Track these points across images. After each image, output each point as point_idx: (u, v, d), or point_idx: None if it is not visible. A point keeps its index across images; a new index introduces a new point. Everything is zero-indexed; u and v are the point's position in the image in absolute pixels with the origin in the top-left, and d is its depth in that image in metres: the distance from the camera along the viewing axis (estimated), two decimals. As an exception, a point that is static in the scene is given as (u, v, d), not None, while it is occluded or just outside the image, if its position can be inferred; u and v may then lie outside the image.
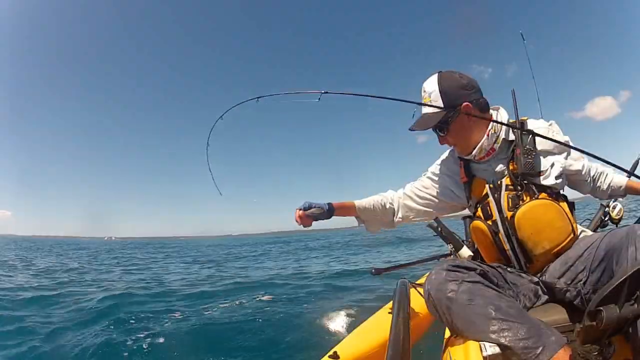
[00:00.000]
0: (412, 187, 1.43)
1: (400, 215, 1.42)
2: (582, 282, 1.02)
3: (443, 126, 1.21)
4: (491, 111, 1.25)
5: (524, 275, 1.15)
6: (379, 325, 1.32)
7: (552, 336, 0.86)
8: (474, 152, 1.21)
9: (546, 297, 1.13)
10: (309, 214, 1.30)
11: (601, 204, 1.85)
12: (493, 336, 0.87)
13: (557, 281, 1.08)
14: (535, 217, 1.12)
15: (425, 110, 1.22)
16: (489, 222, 1.20)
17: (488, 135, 1.19)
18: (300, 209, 1.30)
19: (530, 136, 1.17)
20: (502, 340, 0.86)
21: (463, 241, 2.10)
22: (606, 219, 2.08)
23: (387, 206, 1.43)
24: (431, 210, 1.39)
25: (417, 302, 1.36)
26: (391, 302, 1.28)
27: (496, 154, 1.22)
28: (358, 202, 1.42)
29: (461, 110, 1.17)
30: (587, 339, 0.86)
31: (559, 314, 1.05)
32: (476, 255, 1.49)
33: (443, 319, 0.98)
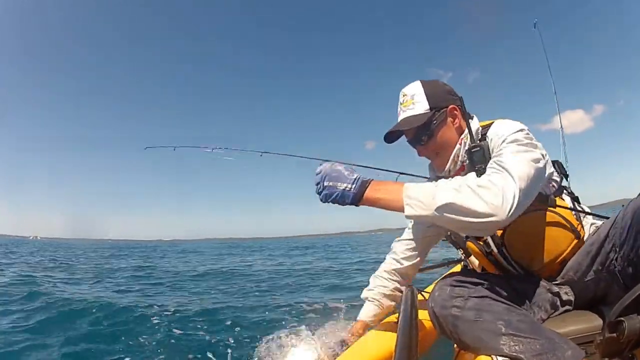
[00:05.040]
0: (401, 241, 1.48)
1: (407, 276, 1.47)
2: (613, 262, 1.00)
3: (426, 132, 1.16)
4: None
5: (540, 284, 1.15)
6: (384, 336, 1.32)
7: (569, 350, 0.86)
8: (447, 166, 1.17)
9: (564, 308, 1.13)
10: None
11: (622, 205, 1.86)
12: (505, 352, 0.88)
13: (587, 273, 1.08)
14: (525, 231, 1.11)
15: (406, 114, 1.17)
16: (480, 243, 1.21)
17: (461, 143, 1.16)
18: None
19: (482, 149, 1.09)
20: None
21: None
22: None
23: (387, 292, 1.46)
24: (434, 243, 1.45)
25: (426, 311, 1.36)
26: (397, 310, 1.28)
27: (467, 169, 1.15)
28: (365, 317, 1.48)
29: (447, 113, 1.16)
30: (607, 352, 0.86)
31: (576, 325, 1.05)
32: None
33: (450, 337, 0.99)
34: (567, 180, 1.29)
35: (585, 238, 1.16)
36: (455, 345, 1.16)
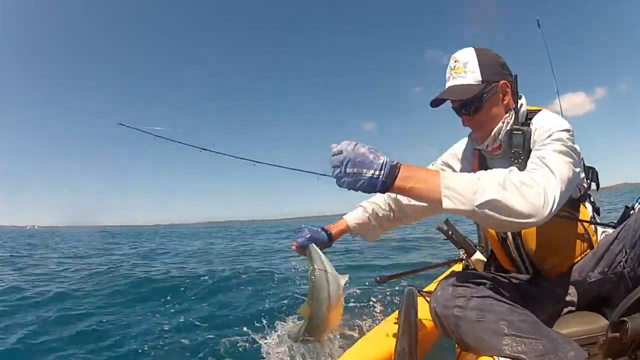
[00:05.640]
0: None
1: (401, 220, 1.38)
2: (622, 263, 1.00)
3: (474, 104, 1.11)
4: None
5: (543, 284, 1.15)
6: (383, 337, 1.32)
7: (572, 351, 0.86)
8: (487, 141, 1.15)
9: (568, 308, 1.13)
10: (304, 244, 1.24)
11: (626, 206, 1.86)
12: (507, 353, 0.88)
13: (591, 274, 1.07)
14: (545, 231, 1.10)
15: (457, 82, 1.13)
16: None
17: (504, 122, 1.12)
18: (295, 242, 1.25)
19: (523, 134, 1.08)
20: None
21: (476, 246, 2.10)
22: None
23: (381, 214, 1.37)
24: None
25: (426, 311, 1.36)
26: (397, 311, 1.28)
27: (504, 149, 1.14)
28: (350, 220, 1.39)
29: (498, 88, 1.11)
30: (610, 352, 0.86)
31: (579, 325, 1.05)
32: (490, 261, 1.49)
33: (452, 337, 0.99)
34: (597, 189, 1.26)
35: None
36: (456, 346, 1.16)
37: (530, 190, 0.81)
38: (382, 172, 0.83)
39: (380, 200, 1.38)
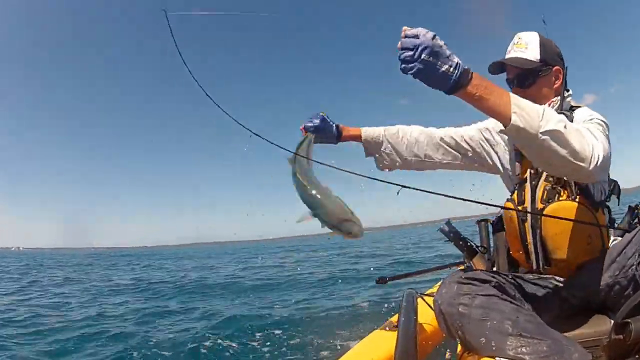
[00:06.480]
0: (453, 132, 1.39)
1: (422, 156, 1.37)
2: (634, 266, 1.01)
3: (529, 77, 1.22)
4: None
5: (547, 285, 1.14)
6: (382, 341, 1.32)
7: (576, 352, 0.86)
8: None
9: (573, 310, 1.12)
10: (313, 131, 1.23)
11: (629, 206, 1.85)
12: (511, 353, 0.87)
13: (601, 278, 1.07)
14: (564, 222, 1.10)
15: (517, 54, 1.23)
16: (520, 208, 1.21)
17: (550, 104, 1.21)
18: (304, 127, 1.25)
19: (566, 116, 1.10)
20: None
21: (478, 247, 2.09)
22: (635, 222, 2.07)
23: (404, 144, 1.37)
24: (463, 163, 1.38)
25: (426, 314, 1.35)
26: (397, 314, 1.28)
27: None
28: (365, 131, 1.37)
29: (552, 72, 1.23)
30: (614, 355, 0.86)
31: (584, 327, 1.05)
32: (493, 263, 1.49)
33: (455, 335, 0.98)
34: (618, 204, 1.32)
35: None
36: (458, 350, 1.15)
37: (583, 139, 0.87)
38: (457, 71, 0.79)
39: (414, 128, 1.40)
